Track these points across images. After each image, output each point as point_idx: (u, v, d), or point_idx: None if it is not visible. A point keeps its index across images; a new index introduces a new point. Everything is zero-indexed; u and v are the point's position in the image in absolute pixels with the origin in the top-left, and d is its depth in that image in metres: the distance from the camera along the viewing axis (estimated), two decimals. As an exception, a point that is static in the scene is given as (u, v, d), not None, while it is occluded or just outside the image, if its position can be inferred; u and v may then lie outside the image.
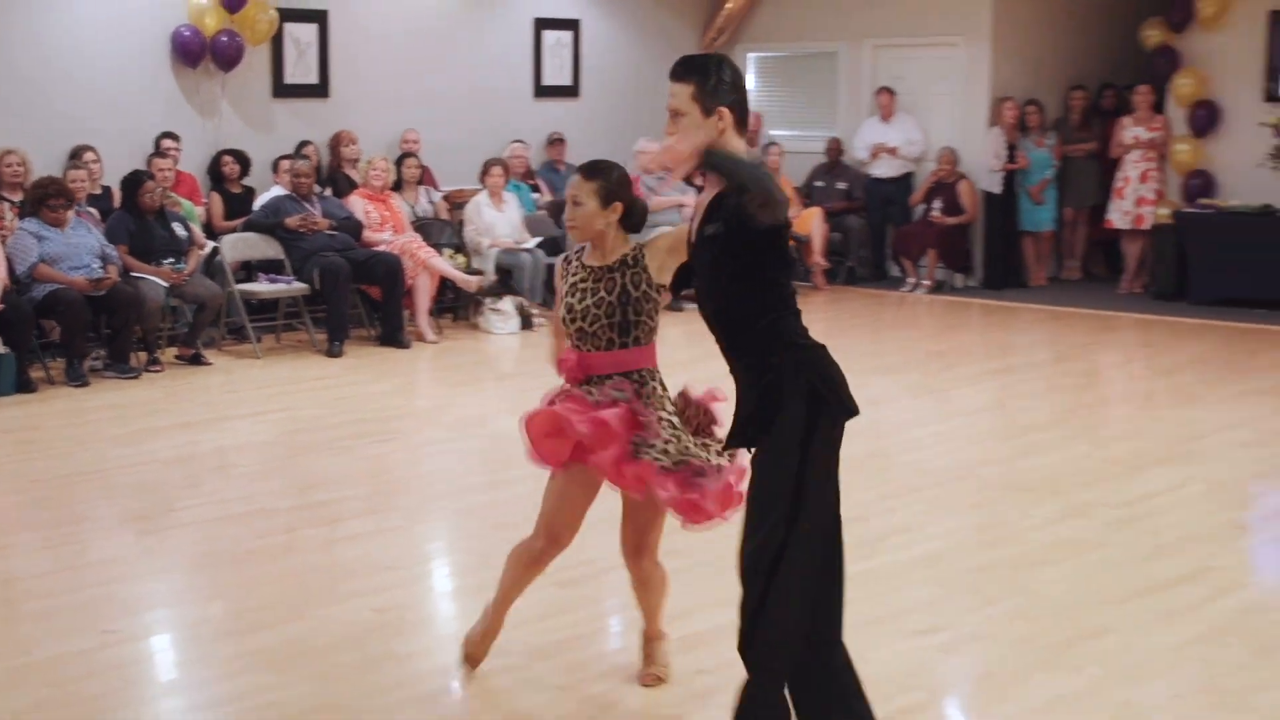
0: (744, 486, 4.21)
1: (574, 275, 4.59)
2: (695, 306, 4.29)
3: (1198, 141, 13.56)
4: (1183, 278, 13.12)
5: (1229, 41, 13.30)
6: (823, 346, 3.99)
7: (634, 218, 4.62)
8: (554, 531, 4.62)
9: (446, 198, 12.92)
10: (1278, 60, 13.03)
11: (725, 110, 4.05)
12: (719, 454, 4.52)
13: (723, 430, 4.42)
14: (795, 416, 3.86)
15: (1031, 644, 5.23)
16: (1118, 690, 4.83)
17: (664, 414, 4.51)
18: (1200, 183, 13.52)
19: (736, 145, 4.09)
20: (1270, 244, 12.54)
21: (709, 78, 4.10)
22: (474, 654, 4.84)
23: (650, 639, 4.95)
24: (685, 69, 4.17)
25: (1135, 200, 13.55)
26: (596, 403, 4.45)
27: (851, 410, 3.96)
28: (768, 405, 3.91)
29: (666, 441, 4.44)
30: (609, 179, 4.59)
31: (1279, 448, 8.07)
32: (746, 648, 3.99)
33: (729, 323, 4.01)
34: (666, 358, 4.69)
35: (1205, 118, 13.46)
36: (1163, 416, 8.95)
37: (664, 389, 4.60)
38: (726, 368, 4.02)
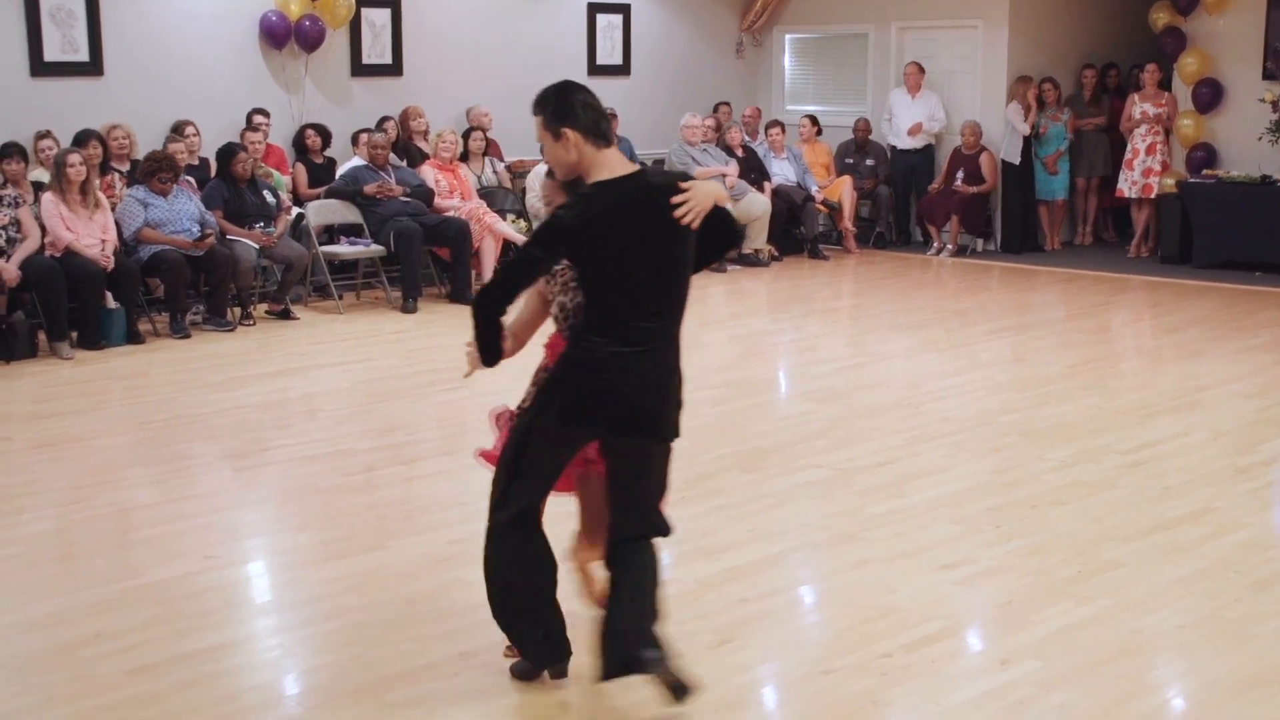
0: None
1: None
2: (735, 268, 4.22)
3: (1201, 117, 13.36)
4: (1187, 243, 12.95)
5: (1231, 24, 13.10)
6: None
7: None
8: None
9: (509, 167, 12.89)
10: (1275, 40, 12.83)
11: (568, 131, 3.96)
12: None
13: None
14: None
15: (1046, 577, 5.20)
16: (1127, 620, 4.80)
17: None
18: (1203, 155, 13.33)
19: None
20: (1268, 211, 12.36)
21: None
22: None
23: None
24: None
25: (1143, 171, 13.37)
26: None
27: None
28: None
29: None
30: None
31: (1275, 398, 7.98)
32: None
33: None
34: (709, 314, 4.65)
35: (1208, 95, 13.26)
36: (1169, 370, 8.86)
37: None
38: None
